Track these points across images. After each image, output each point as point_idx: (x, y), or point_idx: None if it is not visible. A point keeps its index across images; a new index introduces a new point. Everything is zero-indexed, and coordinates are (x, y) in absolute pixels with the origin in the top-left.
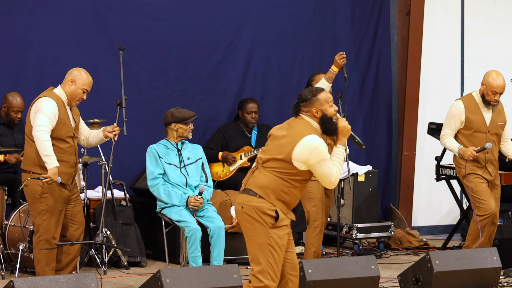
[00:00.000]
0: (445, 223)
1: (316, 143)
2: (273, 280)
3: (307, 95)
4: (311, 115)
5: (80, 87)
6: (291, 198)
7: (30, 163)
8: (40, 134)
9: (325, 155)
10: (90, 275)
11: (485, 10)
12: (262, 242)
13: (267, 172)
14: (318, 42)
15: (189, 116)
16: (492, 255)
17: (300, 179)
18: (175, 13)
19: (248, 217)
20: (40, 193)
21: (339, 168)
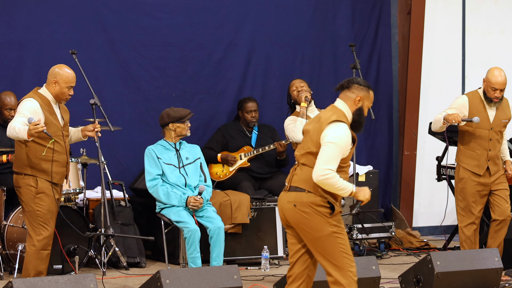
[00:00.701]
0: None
1: (342, 127)
2: (352, 261)
3: (361, 82)
4: (351, 100)
5: (64, 86)
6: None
7: (21, 164)
8: (8, 127)
9: (340, 143)
10: (89, 276)
11: (486, 10)
12: (326, 233)
13: (308, 168)
14: (318, 41)
15: (186, 114)
16: (493, 256)
17: (340, 166)
18: (174, 12)
19: (304, 214)
20: (35, 193)
21: (335, 181)
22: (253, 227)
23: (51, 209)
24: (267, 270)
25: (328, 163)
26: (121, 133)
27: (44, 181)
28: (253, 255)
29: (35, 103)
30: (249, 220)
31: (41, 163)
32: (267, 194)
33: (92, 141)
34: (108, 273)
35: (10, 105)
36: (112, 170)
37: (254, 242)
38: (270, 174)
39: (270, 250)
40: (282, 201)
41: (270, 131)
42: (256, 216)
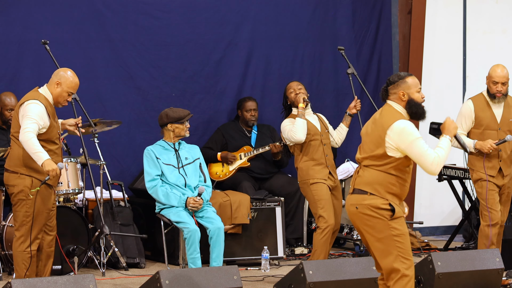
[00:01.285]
0: (447, 224)
1: (402, 125)
2: (409, 266)
3: (395, 78)
4: (398, 98)
5: (66, 90)
6: (401, 189)
7: (17, 163)
8: (24, 137)
9: (415, 135)
10: (89, 277)
11: (488, 9)
12: (386, 236)
13: (370, 169)
14: (318, 41)
15: (185, 115)
16: (495, 256)
17: (403, 167)
18: (174, 12)
19: (365, 216)
20: (28, 194)
21: (441, 152)
22: (253, 228)
23: (43, 210)
24: (267, 270)
25: (427, 156)
26: (120, 133)
27: (39, 183)
28: (253, 255)
29: (42, 107)
30: (249, 221)
31: (37, 164)
32: (267, 195)
33: (91, 141)
34: (108, 274)
35: (11, 106)
36: (111, 170)
37: (254, 243)
38: (270, 174)
39: (270, 251)
40: (347, 204)
41: (270, 131)
42: (256, 216)
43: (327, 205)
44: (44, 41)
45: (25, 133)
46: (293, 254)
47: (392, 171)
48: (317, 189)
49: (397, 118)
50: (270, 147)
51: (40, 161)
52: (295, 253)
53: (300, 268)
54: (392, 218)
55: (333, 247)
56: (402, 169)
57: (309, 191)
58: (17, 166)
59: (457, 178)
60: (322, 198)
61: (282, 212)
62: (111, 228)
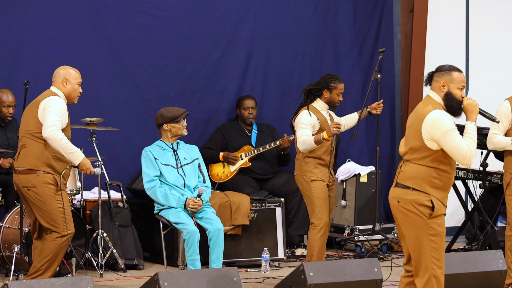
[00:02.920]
0: (449, 225)
1: (436, 115)
2: (439, 267)
3: (444, 67)
4: (438, 88)
5: (75, 82)
6: (444, 181)
7: (33, 161)
8: (53, 135)
9: (449, 126)
10: (87, 278)
11: (490, 7)
12: (422, 234)
13: (411, 164)
14: (319, 39)
15: (179, 114)
16: (497, 258)
17: (443, 159)
18: (173, 10)
19: (405, 211)
20: (55, 190)
21: (471, 143)
22: (253, 229)
23: (69, 206)
24: (267, 272)
25: (459, 149)
26: (118, 133)
27: (59, 178)
28: (253, 257)
29: (64, 103)
30: (249, 222)
31: (58, 161)
32: (267, 195)
33: (89, 141)
34: (106, 275)
35: (8, 102)
36: (109, 171)
37: (254, 244)
38: (272, 175)
39: (270, 252)
40: (390, 196)
41: (270, 130)
42: (256, 217)
43: (324, 204)
44: (26, 82)
45: (53, 131)
46: (294, 255)
47: (432, 164)
48: (316, 187)
49: (432, 109)
50: (280, 142)
51: (77, 160)
52: (295, 255)
53: (300, 270)
54: (431, 217)
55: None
56: (443, 160)
57: (308, 187)
58: (35, 164)
59: (459, 179)
60: (320, 197)
61: (282, 213)
62: (110, 229)
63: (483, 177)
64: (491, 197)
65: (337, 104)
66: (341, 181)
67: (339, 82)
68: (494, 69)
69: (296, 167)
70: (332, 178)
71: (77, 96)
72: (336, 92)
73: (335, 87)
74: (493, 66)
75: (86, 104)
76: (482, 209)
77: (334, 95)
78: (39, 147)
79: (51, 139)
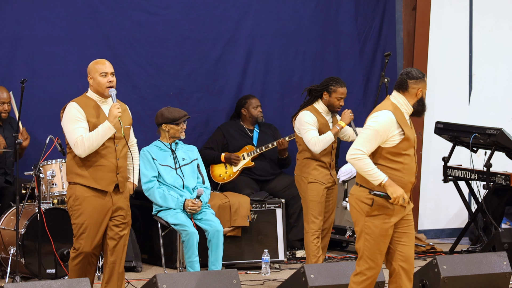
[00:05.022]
0: (452, 226)
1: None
2: (371, 267)
3: (418, 74)
4: (412, 94)
5: (97, 76)
6: (395, 180)
7: (68, 172)
8: (77, 143)
9: (376, 127)
10: (84, 281)
11: (495, 5)
12: (360, 230)
13: None
14: (320, 38)
15: (180, 116)
16: (502, 260)
17: (393, 158)
18: (171, 8)
19: (351, 206)
20: (72, 204)
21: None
22: (253, 230)
23: (90, 221)
24: (267, 274)
25: (361, 144)
26: None
27: (84, 189)
28: (253, 259)
29: (75, 105)
30: (248, 223)
31: (84, 169)
32: (267, 196)
33: None
34: None
35: (3, 99)
36: None
37: (254, 246)
38: (273, 176)
39: (270, 254)
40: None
41: (271, 129)
42: (256, 218)
43: (318, 208)
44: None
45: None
46: (294, 257)
47: (382, 162)
48: (313, 190)
49: (386, 108)
50: (277, 143)
51: (105, 125)
52: (296, 257)
53: (301, 272)
54: (369, 215)
55: (336, 250)
56: (392, 159)
57: (305, 188)
58: (68, 175)
59: (463, 179)
60: (315, 200)
61: (283, 214)
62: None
63: (487, 177)
64: (495, 198)
65: (337, 109)
66: (342, 181)
67: (339, 86)
68: (499, 68)
69: (296, 167)
70: (333, 180)
71: (108, 87)
72: (335, 96)
73: (334, 90)
74: (498, 64)
75: None
76: (486, 210)
77: (334, 99)
78: (69, 159)
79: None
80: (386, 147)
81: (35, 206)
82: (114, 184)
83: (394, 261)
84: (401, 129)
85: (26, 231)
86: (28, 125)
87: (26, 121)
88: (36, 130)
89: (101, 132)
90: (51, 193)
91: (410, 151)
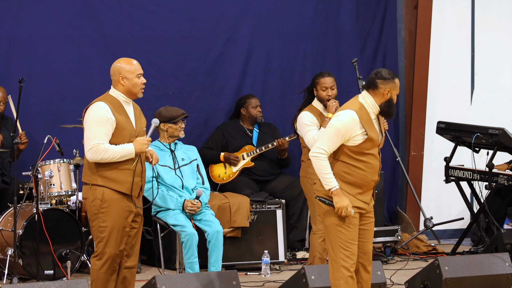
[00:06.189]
0: (454, 227)
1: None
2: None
3: (388, 75)
4: (380, 94)
5: (134, 77)
6: (358, 177)
7: (89, 173)
8: (93, 148)
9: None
10: (82, 282)
11: (497, 4)
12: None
13: (330, 158)
14: (321, 36)
15: (177, 115)
16: (504, 261)
17: (355, 156)
18: (171, 7)
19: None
20: (99, 207)
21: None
22: (253, 231)
23: (117, 224)
24: (267, 275)
25: (323, 143)
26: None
27: (111, 192)
28: (253, 260)
29: (104, 106)
30: (248, 224)
31: (111, 171)
32: (267, 196)
33: None
34: None
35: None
36: None
37: (254, 247)
38: (272, 176)
39: (270, 255)
40: None
41: (271, 129)
42: (256, 219)
43: None
44: (20, 80)
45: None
46: (295, 258)
47: (345, 159)
48: None
49: (350, 108)
50: (276, 143)
51: (130, 149)
52: (296, 258)
53: (302, 273)
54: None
55: None
56: (354, 157)
57: (311, 190)
58: (90, 176)
59: (464, 180)
60: None
61: (283, 215)
62: None
63: (489, 178)
64: (498, 199)
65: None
66: None
67: (321, 77)
68: (501, 67)
69: (301, 168)
70: None
71: (141, 90)
72: (320, 87)
73: (318, 82)
74: (500, 64)
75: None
76: (488, 211)
77: (320, 92)
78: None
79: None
80: (348, 145)
81: (33, 207)
82: (139, 188)
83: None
84: (364, 130)
85: (24, 232)
86: (26, 125)
87: (24, 120)
88: (34, 130)
89: (121, 153)
90: (49, 193)
91: (373, 151)
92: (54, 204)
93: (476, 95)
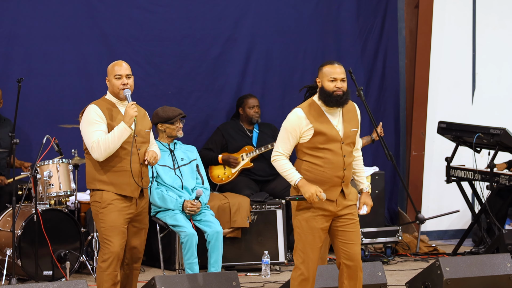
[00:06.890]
0: (455, 228)
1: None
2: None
3: (320, 66)
4: (317, 86)
5: (112, 78)
6: (317, 174)
7: (90, 180)
8: (93, 146)
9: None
10: (81, 283)
11: (498, 3)
12: (294, 224)
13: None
14: (321, 36)
15: (174, 115)
16: (505, 262)
17: (311, 152)
18: (170, 6)
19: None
20: (98, 208)
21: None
22: (253, 231)
23: (115, 224)
24: (267, 276)
25: (278, 146)
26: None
27: (110, 194)
28: (253, 260)
29: (94, 107)
30: (248, 224)
31: (107, 175)
32: (267, 197)
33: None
34: None
35: None
36: None
37: (254, 247)
38: (272, 176)
39: (271, 256)
40: None
41: (271, 129)
42: (256, 219)
43: None
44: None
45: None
46: None
47: (303, 157)
48: None
49: (300, 106)
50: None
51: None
52: None
53: None
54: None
55: None
56: (310, 153)
57: None
58: (91, 182)
59: (466, 180)
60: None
61: (283, 215)
62: None
63: (491, 178)
64: (499, 199)
65: None
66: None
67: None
68: (502, 67)
69: None
70: None
71: (121, 89)
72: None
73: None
74: (501, 63)
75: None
76: (489, 211)
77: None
78: (88, 165)
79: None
80: (302, 142)
81: (31, 207)
82: (139, 190)
83: (338, 258)
84: (311, 125)
85: (23, 232)
86: (25, 124)
87: (23, 120)
88: (33, 130)
89: (117, 133)
90: (48, 193)
91: (330, 146)
92: (53, 205)
93: (477, 95)
